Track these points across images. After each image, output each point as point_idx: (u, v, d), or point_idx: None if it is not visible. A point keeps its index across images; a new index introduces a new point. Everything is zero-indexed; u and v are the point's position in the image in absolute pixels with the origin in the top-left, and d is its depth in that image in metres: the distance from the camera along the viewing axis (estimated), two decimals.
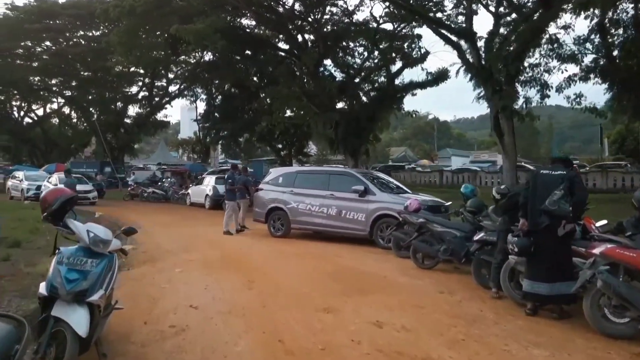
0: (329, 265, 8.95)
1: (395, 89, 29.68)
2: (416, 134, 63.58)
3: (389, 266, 8.99)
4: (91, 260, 4.26)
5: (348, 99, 30.58)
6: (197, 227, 15.05)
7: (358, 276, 8.12)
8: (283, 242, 12.10)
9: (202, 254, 10.19)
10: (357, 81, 31.05)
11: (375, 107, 29.22)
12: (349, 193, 11.62)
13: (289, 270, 8.55)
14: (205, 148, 42.88)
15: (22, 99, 46.32)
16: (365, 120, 29.10)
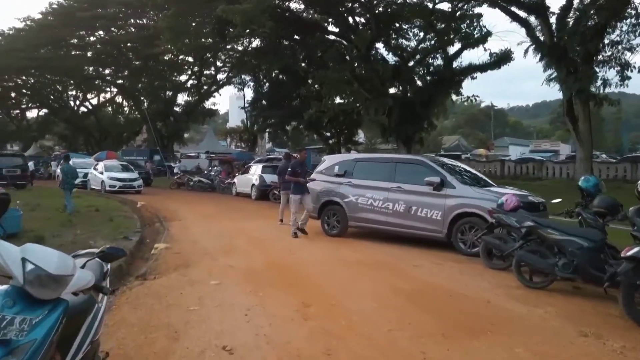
0: (407, 281, 6.69)
1: (453, 72, 26.94)
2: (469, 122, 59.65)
3: (485, 284, 6.65)
4: (23, 318, 2.19)
5: (401, 84, 28.06)
6: (241, 221, 13.09)
7: (450, 301, 5.83)
8: (340, 243, 9.91)
9: (244, 258, 8.14)
10: (412, 65, 28.42)
11: (431, 92, 26.63)
12: (421, 186, 9.29)
13: (355, 287, 6.34)
14: (253, 136, 41.28)
15: (77, 88, 46.25)
16: (420, 106, 26.59)
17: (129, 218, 13.27)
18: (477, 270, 7.46)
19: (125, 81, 42.26)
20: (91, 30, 39.42)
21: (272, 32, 28.45)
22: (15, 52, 36.32)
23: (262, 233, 11.04)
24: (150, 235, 11.50)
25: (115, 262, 7.70)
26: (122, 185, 21.99)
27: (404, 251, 8.97)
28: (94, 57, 40.87)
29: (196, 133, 67.38)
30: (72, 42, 40.46)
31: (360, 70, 28.12)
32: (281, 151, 42.69)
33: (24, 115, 51.22)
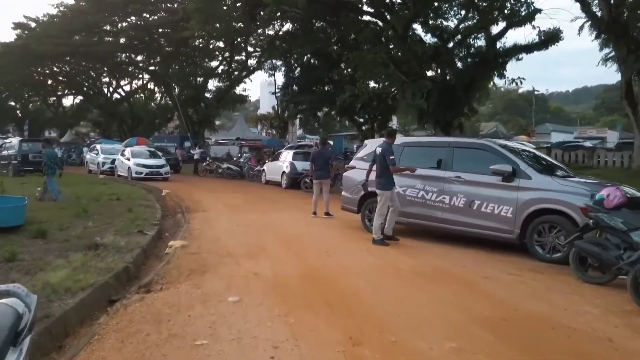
0: (485, 303, 4.97)
1: (497, 54, 24.63)
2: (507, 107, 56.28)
3: (590, 308, 4.85)
4: None
5: (440, 66, 25.90)
6: (270, 213, 11.55)
7: (556, 337, 4.09)
8: None
9: (272, 263, 6.56)
10: (451, 46, 26.19)
11: (473, 75, 24.41)
12: (486, 175, 7.52)
13: (420, 313, 4.64)
14: (284, 123, 39.76)
15: (110, 75, 45.62)
16: (460, 89, 24.46)
17: (150, 208, 11.91)
18: (569, 286, 5.68)
19: (156, 67, 41.24)
20: (123, 16, 38.47)
21: (304, 12, 26.71)
22: (50, 38, 35.63)
23: (294, 229, 9.45)
24: (171, 227, 10.10)
25: (120, 264, 6.36)
26: (149, 172, 20.79)
27: (465, 255, 7.23)
28: (127, 44, 39.99)
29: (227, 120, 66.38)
30: (105, 28, 39.67)
31: (397, 52, 26.12)
32: (312, 138, 41.06)
33: (60, 102, 51.01)
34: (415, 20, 25.20)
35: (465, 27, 25.80)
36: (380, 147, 8.09)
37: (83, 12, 36.82)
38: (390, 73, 24.83)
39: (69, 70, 44.83)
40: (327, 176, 10.97)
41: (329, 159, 10.98)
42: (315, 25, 30.71)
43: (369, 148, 9.42)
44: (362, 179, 9.16)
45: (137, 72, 45.00)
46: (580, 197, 6.56)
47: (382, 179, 8.00)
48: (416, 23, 26.11)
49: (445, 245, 7.89)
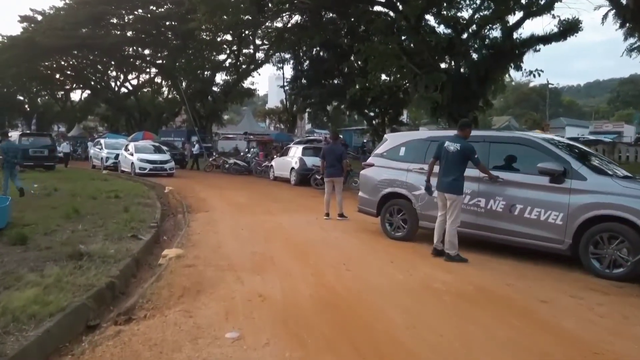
0: (550, 341, 3.80)
1: (513, 45, 23.30)
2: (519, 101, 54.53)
3: None
4: None
5: (455, 58, 24.59)
6: (279, 214, 10.43)
7: None
8: (412, 252, 7.09)
9: (282, 281, 5.42)
10: (465, 37, 24.85)
11: (488, 67, 23.12)
12: (530, 175, 6.35)
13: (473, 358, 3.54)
14: (292, 117, 38.61)
15: (117, 69, 44.70)
16: (475, 82, 23.18)
17: (150, 207, 10.85)
18: None
19: (163, 61, 40.21)
20: (130, 8, 37.42)
21: (313, 2, 25.53)
22: (55, 30, 34.70)
23: (305, 234, 8.32)
24: (170, 230, 9.05)
25: (103, 279, 5.28)
26: (153, 167, 19.76)
27: (509, 269, 6.07)
28: (134, 37, 39.02)
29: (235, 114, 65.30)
30: (112, 21, 38.69)
31: (409, 44, 24.85)
32: (321, 132, 39.90)
33: (68, 97, 50.19)
34: (428, 10, 23.92)
35: (480, 18, 24.46)
36: (453, 142, 6.53)
37: (89, 4, 35.82)
38: (402, 65, 23.58)
39: (76, 64, 43.97)
40: (339, 174, 9.84)
41: (341, 155, 9.84)
42: (325, 17, 29.49)
43: (390, 143, 8.26)
44: (382, 178, 8.03)
45: (144, 66, 44.04)
46: None
47: (454, 179, 6.41)
48: (429, 14, 24.86)
49: (481, 254, 6.73)
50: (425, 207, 7.39)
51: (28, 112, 48.70)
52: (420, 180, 7.47)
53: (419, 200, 7.40)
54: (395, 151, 8.02)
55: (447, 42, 22.68)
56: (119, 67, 44.15)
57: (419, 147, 7.71)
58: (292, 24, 32.04)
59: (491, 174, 6.54)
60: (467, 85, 22.93)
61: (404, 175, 7.72)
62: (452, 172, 6.45)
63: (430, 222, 7.38)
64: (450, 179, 6.45)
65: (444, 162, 6.58)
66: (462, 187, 6.49)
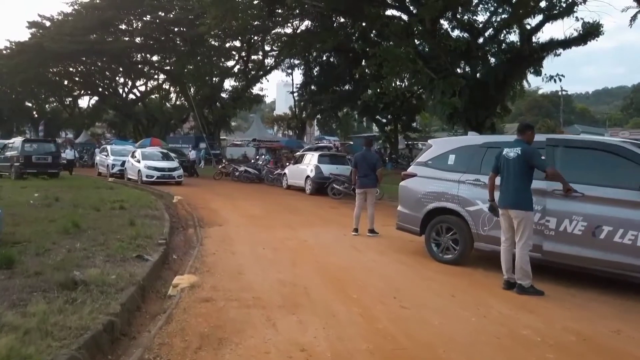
0: None
1: (532, 49, 22.14)
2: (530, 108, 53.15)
3: None
4: None
5: (472, 63, 23.42)
6: (301, 229, 9.17)
7: None
8: (470, 279, 5.84)
9: (326, 326, 4.14)
10: (481, 42, 23.70)
11: (507, 72, 21.98)
12: (623, 190, 5.11)
13: None
14: (301, 123, 37.46)
15: (125, 75, 43.76)
16: (493, 87, 22.03)
17: (157, 220, 9.61)
18: None
19: (172, 67, 39.22)
20: (138, 14, 36.47)
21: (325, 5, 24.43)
22: (63, 36, 33.76)
23: (338, 256, 7.04)
24: (180, 247, 7.83)
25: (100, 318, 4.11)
26: (161, 175, 18.56)
27: (607, 308, 4.77)
28: (142, 43, 38.08)
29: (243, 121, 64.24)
30: (120, 27, 37.77)
31: (424, 48, 23.75)
32: (330, 139, 38.72)
33: (76, 103, 49.25)
34: (444, 13, 22.82)
35: (499, 21, 23.31)
36: (513, 148, 5.34)
37: (98, 10, 34.93)
38: (417, 70, 22.43)
39: (85, 70, 43.06)
40: (373, 184, 8.61)
41: (375, 163, 8.61)
42: (336, 21, 28.45)
43: (436, 150, 7.01)
44: (428, 191, 6.79)
45: (152, 72, 43.08)
46: None
47: (518, 192, 5.21)
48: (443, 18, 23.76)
49: (555, 284, 5.46)
50: (482, 225, 6.13)
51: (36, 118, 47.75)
52: (475, 193, 6.24)
53: (481, 224, 6.12)
54: (443, 159, 6.77)
55: (465, 45, 21.52)
56: (127, 73, 43.20)
57: (472, 155, 6.46)
58: (302, 30, 31.07)
59: (567, 184, 5.24)
60: (485, 91, 21.81)
61: (454, 187, 6.47)
62: (515, 184, 5.22)
63: (488, 244, 6.14)
64: (514, 193, 5.23)
65: (505, 173, 5.34)
66: (530, 200, 5.24)
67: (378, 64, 23.16)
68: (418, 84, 24.60)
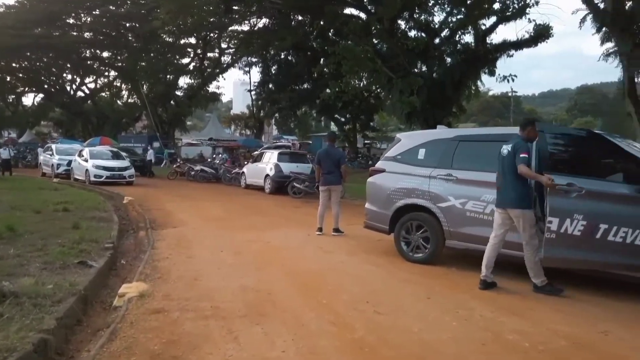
0: None
1: (487, 50, 22.52)
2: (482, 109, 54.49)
3: None
4: None
5: (429, 63, 23.55)
6: (264, 230, 8.61)
7: None
8: (444, 280, 5.50)
9: (294, 335, 3.65)
10: (438, 42, 23.89)
11: (462, 72, 22.24)
12: (609, 183, 4.89)
13: None
14: (259, 122, 36.67)
15: (74, 71, 41.50)
16: (450, 87, 22.24)
17: (105, 222, 8.83)
18: None
19: (123, 63, 37.44)
20: (87, 9, 34.55)
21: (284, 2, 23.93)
22: (6, 29, 31.46)
23: (304, 256, 6.55)
24: (129, 251, 7.13)
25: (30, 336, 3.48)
26: (110, 175, 17.44)
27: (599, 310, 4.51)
28: (92, 38, 36.12)
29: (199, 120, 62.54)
30: (68, 21, 35.67)
31: (382, 47, 23.67)
32: (289, 138, 38.16)
33: (20, 101, 46.24)
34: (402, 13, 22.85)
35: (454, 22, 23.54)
36: (508, 145, 5.02)
37: (44, 2, 32.81)
38: (376, 69, 22.29)
39: (29, 66, 40.45)
40: (338, 181, 8.17)
41: (339, 159, 8.19)
42: (294, 19, 27.95)
43: (406, 144, 6.65)
44: (397, 187, 6.42)
45: (102, 69, 41.03)
46: None
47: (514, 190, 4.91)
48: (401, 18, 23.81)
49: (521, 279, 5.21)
50: (455, 222, 5.82)
51: None
52: (447, 189, 5.92)
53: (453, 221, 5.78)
54: (413, 154, 6.42)
55: (423, 45, 21.58)
56: (76, 70, 40.94)
57: (444, 149, 6.13)
58: (259, 27, 30.34)
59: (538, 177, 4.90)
60: (442, 91, 21.99)
61: (425, 183, 6.12)
62: (511, 182, 4.91)
63: (462, 242, 5.83)
64: (510, 191, 4.92)
65: (501, 170, 5.04)
66: (528, 197, 4.95)
67: (337, 63, 22.88)
68: (377, 83, 24.50)
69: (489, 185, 5.58)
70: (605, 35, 19.21)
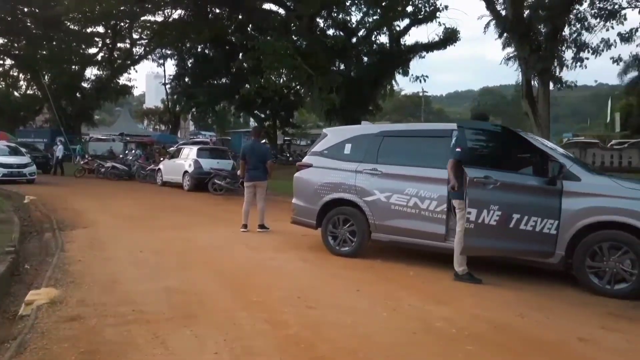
0: None
1: (401, 51, 23.50)
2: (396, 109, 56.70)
3: None
4: None
5: (347, 61, 24.05)
6: (186, 228, 8.22)
7: None
8: (371, 272, 5.60)
9: (227, 336, 3.51)
10: (355, 41, 24.46)
11: (378, 71, 23.04)
12: (521, 176, 5.24)
13: None
14: (175, 117, 35.18)
15: None
16: (367, 86, 22.93)
17: (4, 224, 7.98)
18: None
19: (21, 51, 34.02)
20: None
21: None
22: None
23: (231, 255, 6.34)
24: (34, 255, 6.46)
25: None
26: (8, 172, 15.80)
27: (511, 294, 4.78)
28: None
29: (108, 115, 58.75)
30: None
31: (302, 44, 23.77)
32: (206, 134, 37.06)
33: None
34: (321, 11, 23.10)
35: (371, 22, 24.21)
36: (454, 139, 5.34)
37: None
38: (296, 65, 22.31)
39: None
40: (263, 177, 8.02)
41: (265, 154, 8.04)
42: (211, 12, 27.12)
43: (332, 139, 6.66)
44: (324, 182, 6.43)
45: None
46: None
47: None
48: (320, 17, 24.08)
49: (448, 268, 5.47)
50: (381, 216, 5.95)
51: None
52: (373, 183, 6.03)
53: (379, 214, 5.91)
54: (339, 149, 6.46)
55: (342, 44, 21.99)
56: None
57: (369, 144, 6.23)
58: (174, 18, 29.08)
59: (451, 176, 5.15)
60: (360, 89, 22.60)
61: (352, 177, 6.19)
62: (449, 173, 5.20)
63: (388, 235, 5.97)
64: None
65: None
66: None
67: (257, 58, 22.59)
68: (296, 80, 24.54)
69: (413, 179, 5.79)
70: (506, 41, 20.64)
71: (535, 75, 19.80)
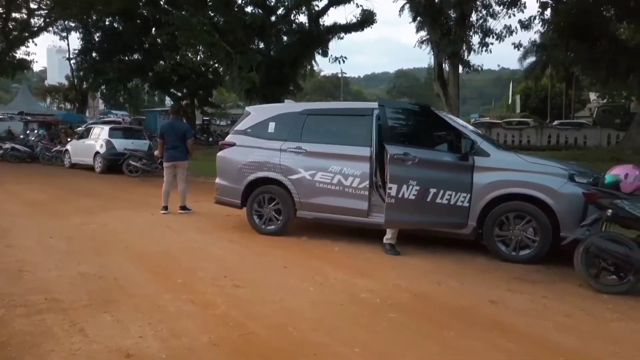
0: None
1: (320, 31, 23.54)
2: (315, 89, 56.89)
3: None
4: None
5: (266, 40, 23.66)
6: (100, 214, 7.68)
7: None
8: (297, 249, 5.64)
9: (151, 319, 3.38)
10: (274, 20, 24.11)
11: (298, 51, 22.96)
12: (437, 152, 5.51)
13: None
14: (82, 96, 32.68)
15: None
16: (287, 65, 22.80)
17: None
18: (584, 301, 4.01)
19: None
20: None
21: None
22: None
23: (152, 238, 6.05)
24: None
25: None
26: None
27: (427, 264, 5.05)
28: None
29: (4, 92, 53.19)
30: None
31: (219, 21, 23.02)
32: (118, 113, 34.87)
33: None
34: None
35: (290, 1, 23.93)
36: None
37: None
38: (214, 42, 21.59)
39: None
40: (183, 157, 7.71)
41: (185, 133, 7.72)
42: None
43: (256, 117, 6.53)
44: (248, 161, 6.34)
45: None
46: (557, 178, 5.01)
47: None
48: None
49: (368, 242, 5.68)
50: (306, 193, 6.00)
51: None
52: (297, 162, 6.04)
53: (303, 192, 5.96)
54: (263, 127, 6.37)
55: (261, 21, 21.57)
56: None
57: (293, 122, 6.21)
58: None
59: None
60: (280, 69, 22.43)
61: (276, 156, 6.15)
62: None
63: (314, 212, 6.04)
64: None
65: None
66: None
67: (171, 34, 21.53)
68: (214, 58, 23.77)
69: (336, 157, 5.87)
70: (419, 25, 21.40)
71: (446, 58, 20.78)
